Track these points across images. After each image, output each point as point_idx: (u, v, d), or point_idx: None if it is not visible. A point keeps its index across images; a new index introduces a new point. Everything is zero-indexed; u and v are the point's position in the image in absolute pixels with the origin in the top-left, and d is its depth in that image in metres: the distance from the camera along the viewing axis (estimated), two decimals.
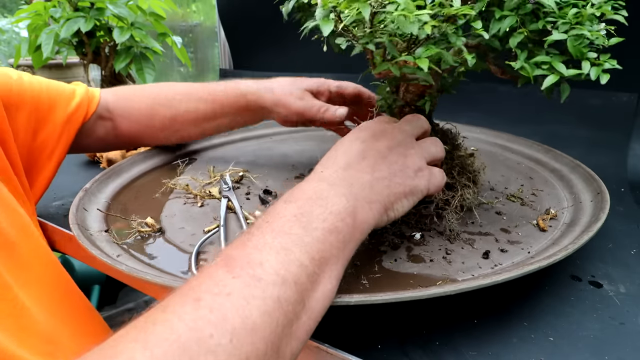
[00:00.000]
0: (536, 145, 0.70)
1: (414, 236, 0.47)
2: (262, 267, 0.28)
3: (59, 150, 0.57)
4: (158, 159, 0.70)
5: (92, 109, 0.60)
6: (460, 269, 0.42)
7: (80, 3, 0.85)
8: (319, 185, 0.36)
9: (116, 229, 0.50)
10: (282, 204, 0.34)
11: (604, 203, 0.48)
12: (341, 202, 0.34)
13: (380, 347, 0.35)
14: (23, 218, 0.46)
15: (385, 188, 0.38)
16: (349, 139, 0.41)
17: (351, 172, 0.37)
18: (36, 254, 0.45)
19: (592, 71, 0.38)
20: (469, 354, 0.35)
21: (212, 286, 0.27)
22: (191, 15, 1.51)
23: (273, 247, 0.30)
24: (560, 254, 0.39)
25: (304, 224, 0.32)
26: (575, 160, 0.62)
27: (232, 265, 0.28)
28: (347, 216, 0.34)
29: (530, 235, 0.48)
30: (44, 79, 0.58)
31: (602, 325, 0.38)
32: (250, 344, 0.25)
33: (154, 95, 0.65)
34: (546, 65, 0.39)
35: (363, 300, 0.34)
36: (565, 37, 0.38)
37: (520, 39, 0.39)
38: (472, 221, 0.51)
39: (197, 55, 1.56)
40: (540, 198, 0.57)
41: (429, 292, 0.34)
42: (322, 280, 0.31)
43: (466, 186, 0.50)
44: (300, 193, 0.35)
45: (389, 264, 0.43)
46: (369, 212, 0.36)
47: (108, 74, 0.90)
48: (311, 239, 0.31)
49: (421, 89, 0.51)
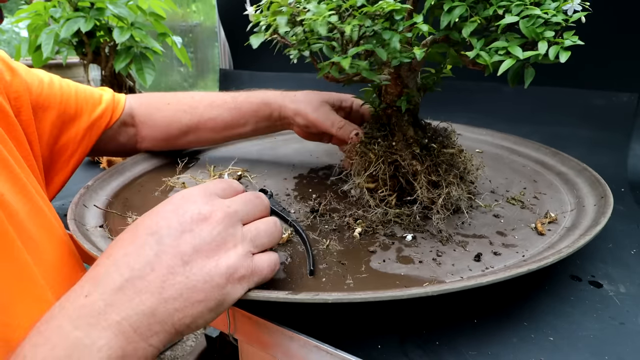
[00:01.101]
0: (543, 148, 0.70)
1: (406, 237, 0.47)
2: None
3: (78, 154, 0.58)
4: (161, 158, 0.70)
5: (117, 115, 0.62)
6: (450, 271, 0.41)
7: (80, 3, 0.85)
8: (73, 328, 0.27)
9: (113, 225, 0.50)
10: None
11: (607, 207, 0.48)
12: (102, 353, 0.26)
13: (380, 347, 0.35)
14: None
15: (175, 312, 0.29)
16: (144, 230, 0.32)
17: (127, 294, 0.28)
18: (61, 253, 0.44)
19: (551, 51, 0.36)
20: (469, 354, 0.35)
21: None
22: (191, 15, 1.51)
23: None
24: (552, 258, 0.38)
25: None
26: (582, 164, 0.61)
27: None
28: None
29: (527, 239, 0.47)
30: (73, 83, 0.60)
31: (602, 325, 0.38)
32: None
33: (176, 102, 0.66)
34: (503, 51, 0.38)
35: (341, 298, 0.33)
36: (517, 19, 0.37)
37: (474, 28, 0.39)
38: (468, 223, 0.50)
39: (197, 55, 1.55)
40: (543, 202, 0.56)
41: (409, 293, 0.34)
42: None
43: (452, 183, 0.49)
44: (46, 346, 0.27)
45: (377, 264, 0.42)
46: (146, 349, 0.28)
47: (108, 74, 0.90)
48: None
49: (398, 89, 0.51)
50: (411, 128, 0.52)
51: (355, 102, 0.65)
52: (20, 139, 0.48)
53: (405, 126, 0.52)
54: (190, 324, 0.30)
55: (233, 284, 0.31)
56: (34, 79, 0.54)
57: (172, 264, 0.30)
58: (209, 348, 1.12)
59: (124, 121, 0.63)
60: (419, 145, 0.51)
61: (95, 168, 0.77)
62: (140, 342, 0.28)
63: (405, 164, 0.50)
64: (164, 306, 0.29)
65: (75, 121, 0.57)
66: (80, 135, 0.58)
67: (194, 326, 0.30)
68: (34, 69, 0.56)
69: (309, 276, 0.40)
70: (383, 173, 0.50)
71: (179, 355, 1.46)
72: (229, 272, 0.31)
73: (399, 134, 0.51)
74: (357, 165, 0.52)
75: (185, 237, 0.31)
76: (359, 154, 0.52)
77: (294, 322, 0.37)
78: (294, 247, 0.46)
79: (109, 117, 0.61)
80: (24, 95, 0.50)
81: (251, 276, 0.33)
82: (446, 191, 0.48)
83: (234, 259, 0.32)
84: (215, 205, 0.33)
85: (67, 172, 0.58)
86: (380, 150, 0.51)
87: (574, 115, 0.89)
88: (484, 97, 0.99)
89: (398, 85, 0.51)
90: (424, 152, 0.50)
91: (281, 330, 0.37)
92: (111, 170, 0.62)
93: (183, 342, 1.52)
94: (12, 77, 0.50)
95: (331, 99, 0.63)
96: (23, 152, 0.47)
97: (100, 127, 0.60)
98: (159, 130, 0.66)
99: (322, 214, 0.52)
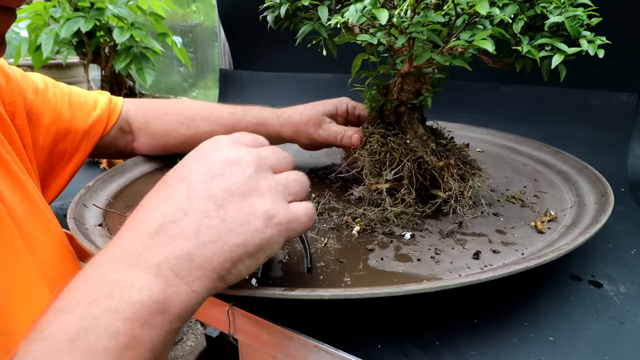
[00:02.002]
0: (544, 147, 0.70)
1: (404, 236, 0.47)
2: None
3: (77, 159, 0.59)
4: (161, 160, 0.70)
5: (113, 121, 0.62)
6: (448, 269, 0.41)
7: (80, 3, 0.85)
8: (112, 271, 0.26)
9: (112, 224, 0.50)
10: (54, 315, 0.25)
11: (607, 205, 0.48)
12: (143, 294, 0.25)
13: (380, 347, 0.35)
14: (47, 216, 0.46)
15: (213, 256, 0.28)
16: (174, 179, 0.31)
17: (163, 239, 0.28)
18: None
19: (590, 48, 0.40)
20: (469, 353, 0.35)
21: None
22: (191, 15, 1.51)
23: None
24: (551, 255, 0.38)
25: (83, 351, 0.23)
26: (582, 162, 0.61)
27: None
28: (152, 314, 0.25)
29: (527, 237, 0.47)
30: (68, 88, 0.60)
31: (602, 325, 0.38)
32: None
33: (174, 112, 0.66)
34: (549, 47, 0.40)
35: (338, 295, 0.33)
36: (562, 19, 0.40)
37: (522, 25, 0.41)
38: (467, 220, 0.50)
39: (197, 55, 1.55)
40: (543, 200, 0.56)
41: (406, 289, 0.34)
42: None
43: (474, 175, 0.51)
44: (84, 288, 0.26)
45: (375, 262, 0.43)
46: (190, 295, 0.27)
47: (108, 74, 0.90)
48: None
49: (417, 86, 0.51)
50: (421, 126, 0.52)
51: (349, 104, 0.64)
52: (16, 142, 0.48)
53: (416, 124, 0.52)
54: (231, 268, 0.29)
55: (272, 229, 0.30)
56: (29, 85, 0.54)
57: (205, 208, 0.29)
58: (209, 348, 1.12)
59: (121, 127, 0.63)
60: (434, 142, 0.51)
61: (96, 168, 0.78)
62: (182, 286, 0.27)
63: (429, 160, 0.50)
64: (201, 250, 0.28)
65: (69, 127, 0.57)
66: (77, 140, 0.58)
67: (236, 272, 0.29)
68: (30, 73, 0.56)
69: (306, 274, 0.40)
70: (409, 171, 0.49)
71: (179, 355, 1.46)
72: (267, 217, 0.30)
73: (411, 132, 0.51)
74: (370, 167, 0.51)
75: (216, 181, 0.30)
76: (372, 154, 0.51)
77: (294, 322, 0.37)
78: (292, 245, 0.46)
79: (104, 123, 0.61)
80: (18, 101, 0.51)
81: (290, 223, 0.31)
82: (470, 183, 0.50)
83: (270, 204, 0.30)
84: (244, 151, 0.32)
85: (66, 176, 0.58)
86: (403, 150, 0.50)
87: (574, 115, 0.89)
88: (482, 97, 0.98)
89: (418, 82, 0.51)
90: (440, 148, 0.51)
91: (281, 330, 0.37)
92: (112, 171, 0.62)
93: (183, 342, 1.52)
94: (6, 83, 0.50)
95: (327, 109, 0.63)
96: (20, 154, 0.48)
97: (97, 132, 0.60)
98: (156, 139, 0.66)
99: (321, 212, 0.52)
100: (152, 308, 0.25)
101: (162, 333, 0.25)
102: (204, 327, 1.57)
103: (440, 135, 0.55)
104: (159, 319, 0.25)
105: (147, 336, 0.25)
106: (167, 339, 0.26)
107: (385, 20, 0.38)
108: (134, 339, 0.24)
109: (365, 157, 0.52)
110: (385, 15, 0.38)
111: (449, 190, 0.50)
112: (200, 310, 0.42)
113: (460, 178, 0.50)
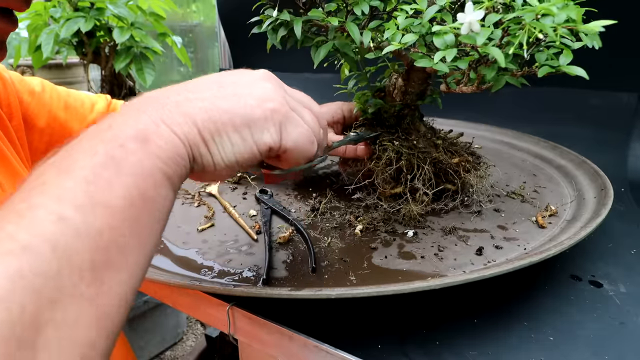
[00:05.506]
0: (542, 142, 0.70)
1: (407, 233, 0.47)
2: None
3: None
4: None
5: None
6: (452, 266, 0.41)
7: (80, 3, 0.85)
8: (114, 118, 0.28)
9: None
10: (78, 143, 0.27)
11: (607, 199, 0.48)
12: (127, 127, 0.27)
13: (380, 347, 0.35)
14: None
15: (199, 111, 0.29)
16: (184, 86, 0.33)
17: (159, 100, 0.29)
18: None
19: (590, 41, 0.41)
20: (469, 353, 0.35)
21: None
22: (191, 15, 1.51)
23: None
24: (554, 250, 0.38)
25: (64, 169, 0.25)
26: (581, 157, 0.62)
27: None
28: (130, 139, 0.26)
29: (528, 232, 0.47)
30: (65, 91, 0.61)
31: (602, 325, 0.38)
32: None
33: None
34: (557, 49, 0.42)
35: (344, 293, 0.34)
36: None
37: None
38: (469, 217, 0.50)
39: (197, 55, 1.55)
40: (543, 195, 0.56)
41: (413, 287, 0.34)
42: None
43: (484, 164, 0.52)
44: (92, 129, 0.28)
45: (379, 260, 0.43)
46: (170, 135, 0.28)
47: (108, 74, 0.90)
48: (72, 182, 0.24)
49: (422, 87, 0.51)
50: (422, 125, 0.53)
51: (343, 108, 0.63)
52: (14, 141, 0.49)
53: (417, 123, 0.52)
54: (214, 134, 0.29)
55: (263, 111, 0.31)
56: (25, 88, 0.55)
57: (207, 85, 0.31)
58: (209, 348, 1.12)
59: None
60: (440, 138, 0.52)
61: None
62: (163, 126, 0.28)
63: (444, 159, 0.50)
64: (187, 103, 0.29)
65: (65, 129, 0.58)
66: None
67: (220, 144, 0.30)
68: (29, 77, 0.57)
69: (311, 274, 0.40)
70: (428, 174, 0.49)
71: (179, 355, 1.46)
72: (261, 99, 0.31)
73: (415, 132, 0.52)
74: (383, 174, 0.50)
75: (226, 75, 0.32)
76: (389, 165, 0.50)
77: (294, 322, 0.37)
78: (296, 245, 0.46)
79: None
80: (14, 103, 0.52)
81: (285, 119, 0.32)
82: (480, 172, 0.51)
83: (270, 90, 0.32)
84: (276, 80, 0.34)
85: None
86: (419, 154, 0.50)
87: (573, 115, 0.89)
88: (482, 97, 0.98)
89: (423, 84, 0.51)
90: (446, 144, 0.51)
91: (281, 330, 0.37)
92: None
93: (183, 342, 1.52)
94: (3, 87, 0.51)
95: (327, 120, 0.62)
96: (18, 153, 0.49)
97: None
98: None
99: (323, 212, 0.52)
100: (131, 135, 0.26)
101: (135, 160, 0.26)
102: (204, 327, 1.57)
103: (436, 130, 0.55)
104: (137, 146, 0.26)
105: (122, 156, 0.25)
106: (146, 180, 0.26)
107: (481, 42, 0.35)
108: (112, 159, 0.25)
109: (380, 168, 0.50)
110: (482, 39, 0.36)
111: (461, 183, 0.51)
112: (200, 310, 0.42)
113: (473, 169, 0.51)
